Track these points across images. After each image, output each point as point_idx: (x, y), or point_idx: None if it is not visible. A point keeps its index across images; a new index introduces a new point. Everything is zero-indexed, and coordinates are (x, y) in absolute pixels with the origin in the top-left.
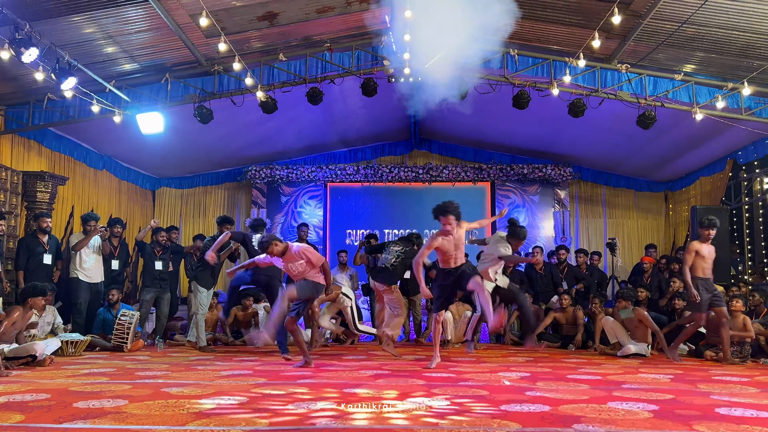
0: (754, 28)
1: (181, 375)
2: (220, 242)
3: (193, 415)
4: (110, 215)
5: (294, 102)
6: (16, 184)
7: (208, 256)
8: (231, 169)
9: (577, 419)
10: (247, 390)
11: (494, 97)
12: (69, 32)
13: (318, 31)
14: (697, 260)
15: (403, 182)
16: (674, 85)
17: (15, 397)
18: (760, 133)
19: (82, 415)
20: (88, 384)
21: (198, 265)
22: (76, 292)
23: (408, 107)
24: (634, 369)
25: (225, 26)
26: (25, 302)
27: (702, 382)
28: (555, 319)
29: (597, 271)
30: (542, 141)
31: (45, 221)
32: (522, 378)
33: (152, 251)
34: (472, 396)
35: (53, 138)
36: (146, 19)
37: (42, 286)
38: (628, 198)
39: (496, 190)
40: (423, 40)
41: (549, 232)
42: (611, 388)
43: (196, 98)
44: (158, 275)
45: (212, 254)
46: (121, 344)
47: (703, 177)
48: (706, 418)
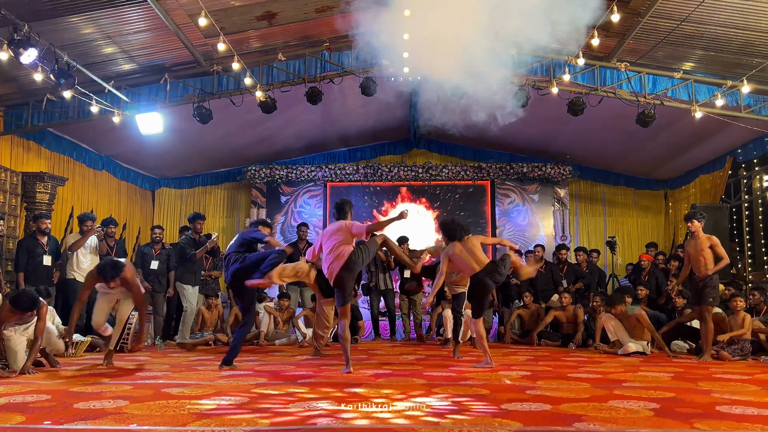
0: (753, 26)
1: (182, 375)
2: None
3: (193, 416)
4: (110, 215)
5: (293, 102)
6: (15, 185)
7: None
8: (230, 169)
9: (578, 418)
10: (247, 390)
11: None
12: (68, 33)
13: (317, 31)
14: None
15: (402, 181)
16: (673, 83)
17: (15, 398)
18: (759, 130)
19: (82, 415)
20: (89, 385)
21: (178, 263)
22: (73, 293)
23: (407, 106)
24: (635, 367)
25: (224, 26)
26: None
27: (703, 380)
28: (555, 317)
29: (597, 270)
30: (541, 139)
31: (44, 222)
32: (523, 377)
33: (150, 251)
34: (473, 395)
35: (52, 139)
36: (145, 19)
37: (31, 297)
38: (627, 196)
39: (496, 189)
40: (422, 39)
41: (549, 231)
42: (612, 387)
43: (195, 98)
44: (153, 274)
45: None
46: (122, 345)
47: (703, 175)
48: (707, 416)
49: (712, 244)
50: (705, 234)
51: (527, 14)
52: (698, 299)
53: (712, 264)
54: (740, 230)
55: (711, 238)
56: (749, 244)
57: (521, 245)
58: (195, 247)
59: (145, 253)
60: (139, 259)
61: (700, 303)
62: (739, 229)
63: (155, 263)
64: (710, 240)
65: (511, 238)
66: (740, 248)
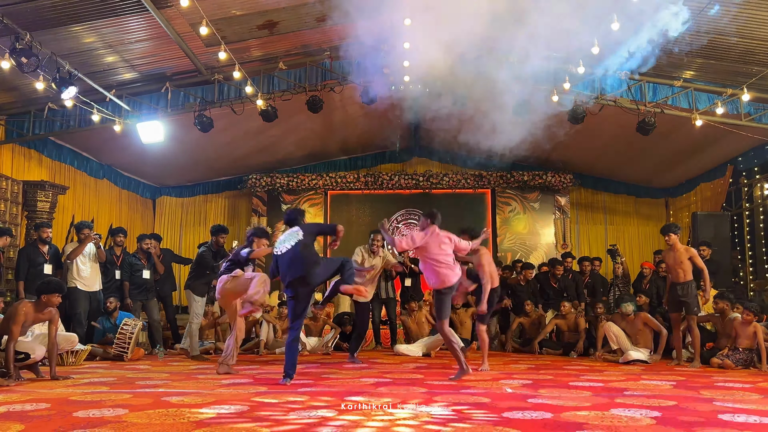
0: (753, 34)
1: (182, 384)
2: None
3: (193, 424)
4: (110, 224)
5: (294, 110)
6: (16, 193)
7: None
8: (231, 178)
9: (579, 426)
10: (247, 399)
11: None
12: (69, 42)
13: (318, 40)
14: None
15: (403, 190)
16: (674, 92)
17: (15, 406)
18: (760, 138)
19: (82, 424)
20: (89, 393)
21: (192, 274)
22: (75, 301)
23: (408, 115)
24: (637, 375)
25: (225, 35)
26: (38, 299)
27: (705, 388)
28: (557, 325)
29: (599, 278)
30: (542, 148)
31: (45, 231)
32: (524, 385)
33: (138, 261)
34: (474, 403)
35: (53, 147)
36: (146, 28)
37: (57, 282)
38: (628, 204)
39: (497, 197)
40: (422, 47)
41: (549, 239)
42: (614, 395)
43: (196, 107)
44: (144, 284)
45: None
46: (122, 353)
47: (704, 183)
48: (709, 424)
49: (691, 255)
50: (683, 246)
51: (527, 23)
52: (678, 309)
53: (690, 275)
54: (741, 238)
55: (689, 250)
56: (750, 252)
57: (521, 254)
58: (215, 260)
59: (134, 263)
60: (127, 270)
61: (679, 311)
62: (740, 237)
63: (146, 273)
64: (688, 252)
65: (511, 246)
66: (741, 256)
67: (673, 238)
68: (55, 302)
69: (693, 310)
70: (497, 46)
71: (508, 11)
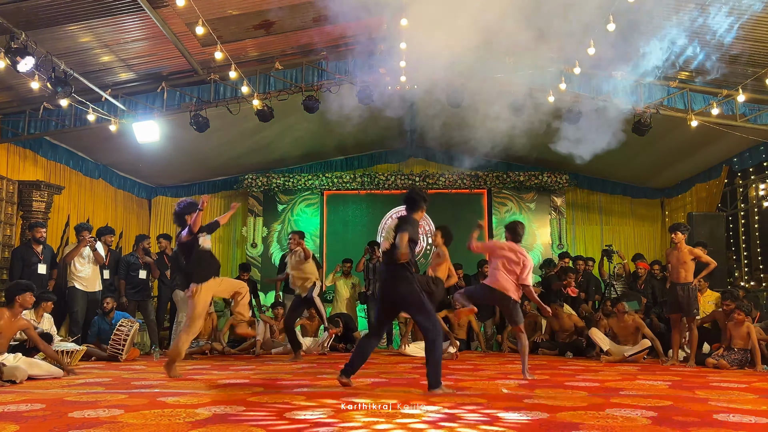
0: (748, 35)
1: (177, 384)
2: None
3: (189, 425)
4: (106, 224)
5: (290, 110)
6: (11, 193)
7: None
8: (227, 178)
9: (575, 426)
10: (243, 399)
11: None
12: (65, 41)
13: (314, 40)
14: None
15: (399, 190)
16: (669, 92)
17: (9, 407)
18: (755, 139)
19: (77, 425)
20: (84, 394)
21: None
22: (72, 301)
23: (405, 115)
24: (632, 376)
25: (221, 35)
26: (12, 302)
27: (700, 388)
28: (552, 326)
29: (592, 278)
30: (538, 148)
31: (39, 231)
32: (520, 385)
33: (136, 261)
34: (470, 404)
35: (49, 147)
36: (142, 28)
37: (26, 282)
38: (624, 205)
39: (493, 198)
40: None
41: (545, 239)
42: (609, 395)
43: (192, 107)
44: (141, 284)
45: None
46: (116, 354)
47: (699, 184)
48: (704, 424)
49: (695, 255)
50: (687, 246)
51: (521, 20)
52: (678, 310)
53: (691, 275)
54: (736, 239)
55: (693, 251)
56: (745, 252)
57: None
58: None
59: (131, 263)
60: (124, 269)
61: (681, 313)
62: (735, 238)
63: (143, 273)
64: (692, 252)
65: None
66: (736, 257)
67: (679, 237)
68: (30, 301)
69: (692, 312)
70: (494, 47)
71: (502, 12)
